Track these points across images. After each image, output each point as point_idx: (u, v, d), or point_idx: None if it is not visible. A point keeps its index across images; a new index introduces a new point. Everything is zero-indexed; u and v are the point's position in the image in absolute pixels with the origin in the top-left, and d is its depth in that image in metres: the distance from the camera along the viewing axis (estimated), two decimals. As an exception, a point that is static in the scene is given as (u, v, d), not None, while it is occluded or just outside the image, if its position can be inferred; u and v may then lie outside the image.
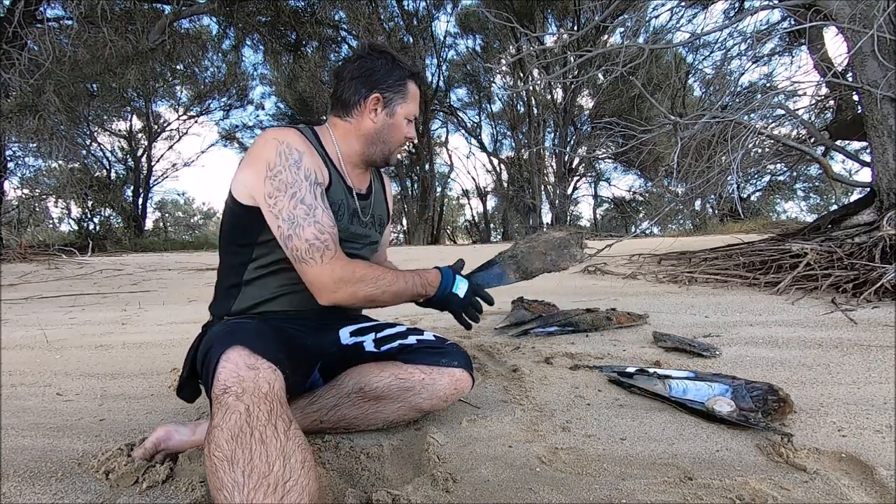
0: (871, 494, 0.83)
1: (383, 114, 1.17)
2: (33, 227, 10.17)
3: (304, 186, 1.02)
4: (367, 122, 1.17)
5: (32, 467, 1.01)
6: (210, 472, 0.69)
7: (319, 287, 1.01)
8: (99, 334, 2.48)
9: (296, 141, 1.07)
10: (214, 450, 0.68)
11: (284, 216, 1.00)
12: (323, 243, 1.00)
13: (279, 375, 0.81)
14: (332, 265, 1.00)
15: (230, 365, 0.80)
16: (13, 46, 6.01)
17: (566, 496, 0.86)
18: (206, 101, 15.98)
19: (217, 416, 0.73)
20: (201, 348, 0.96)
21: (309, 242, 0.99)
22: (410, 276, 1.10)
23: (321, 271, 0.99)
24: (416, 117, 1.23)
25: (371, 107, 1.16)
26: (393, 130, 1.19)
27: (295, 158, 1.04)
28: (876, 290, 2.29)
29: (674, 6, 4.76)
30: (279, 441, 0.69)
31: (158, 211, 19.70)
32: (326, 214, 1.03)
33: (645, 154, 10.03)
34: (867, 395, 1.26)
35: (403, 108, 1.18)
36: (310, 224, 1.00)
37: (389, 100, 1.16)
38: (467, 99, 18.09)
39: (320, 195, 1.04)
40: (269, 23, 9.07)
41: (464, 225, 23.41)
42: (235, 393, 0.75)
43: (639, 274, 3.69)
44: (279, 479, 0.66)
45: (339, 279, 0.99)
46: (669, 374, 1.37)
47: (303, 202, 1.01)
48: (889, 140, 2.95)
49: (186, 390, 1.04)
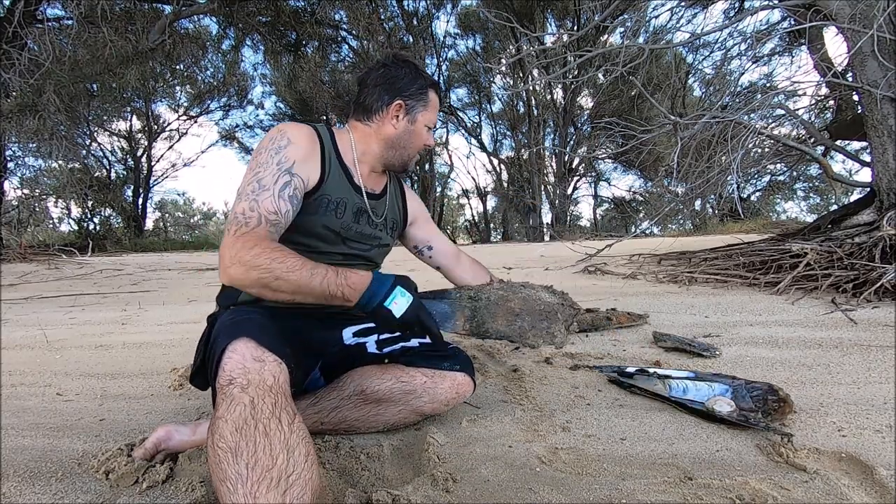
0: (871, 494, 0.83)
1: (405, 120, 1.21)
2: (33, 227, 10.16)
3: (270, 169, 1.03)
4: (388, 128, 1.21)
5: (32, 467, 1.01)
6: (213, 463, 0.68)
7: (220, 261, 0.94)
8: (99, 334, 2.48)
9: (294, 132, 1.09)
10: (218, 440, 0.68)
11: (238, 190, 1.03)
12: (245, 219, 0.96)
13: (284, 369, 0.81)
14: (236, 240, 0.93)
15: (236, 356, 0.79)
16: (13, 46, 6.01)
17: (566, 496, 0.86)
18: (205, 101, 15.98)
19: (221, 406, 0.72)
20: (210, 337, 0.96)
21: (235, 215, 0.98)
22: (324, 271, 0.93)
23: (225, 243, 0.94)
24: (435, 126, 1.27)
25: (393, 113, 1.20)
26: (413, 137, 1.23)
27: (280, 145, 1.07)
28: (876, 290, 2.29)
29: (674, 6, 4.76)
30: (283, 434, 0.69)
31: (158, 211, 19.71)
32: (273, 200, 1.00)
33: (645, 154, 10.03)
34: (867, 395, 1.26)
35: (424, 116, 1.22)
36: (247, 200, 0.99)
37: (412, 107, 1.21)
38: (467, 99, 18.10)
39: (284, 183, 1.03)
40: (269, 23, 9.07)
41: (464, 225, 23.41)
42: (240, 385, 0.74)
43: (639, 274, 3.69)
44: (282, 473, 0.66)
45: (234, 256, 0.91)
46: (669, 374, 1.37)
47: (259, 181, 1.02)
48: (889, 140, 2.95)
49: (198, 378, 1.04)
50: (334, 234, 1.16)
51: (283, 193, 1.02)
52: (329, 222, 1.14)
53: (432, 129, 1.27)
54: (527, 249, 7.11)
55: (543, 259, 5.47)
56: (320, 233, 1.14)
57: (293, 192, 1.05)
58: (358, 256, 1.23)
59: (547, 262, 5.06)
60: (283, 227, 1.03)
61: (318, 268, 0.93)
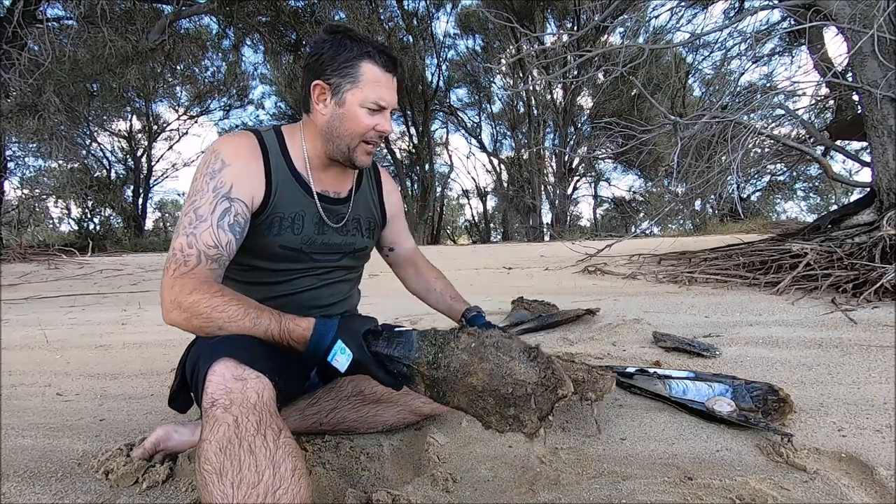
0: (871, 494, 0.83)
1: (332, 104, 1.02)
2: (33, 227, 10.17)
3: (206, 197, 0.95)
4: (318, 116, 1.04)
5: (32, 467, 1.01)
6: (201, 486, 0.68)
7: (161, 302, 0.89)
8: (99, 334, 2.48)
9: (229, 150, 1.00)
10: (203, 463, 0.68)
11: (178, 223, 0.96)
12: (184, 256, 0.90)
13: (268, 384, 0.78)
14: (176, 282, 0.87)
15: (216, 378, 0.77)
16: (13, 46, 6.01)
17: (566, 496, 0.86)
18: (206, 101, 15.98)
19: (206, 429, 0.72)
20: (189, 361, 0.93)
21: (173, 251, 0.91)
22: (267, 321, 0.84)
23: (164, 284, 0.89)
24: (382, 104, 1.02)
25: (317, 98, 1.03)
26: (345, 122, 1.02)
27: (214, 168, 0.97)
28: (876, 290, 2.29)
29: (674, 6, 4.76)
30: (268, 450, 0.68)
31: (158, 211, 19.75)
32: (212, 232, 0.93)
33: (645, 154, 10.03)
34: (867, 395, 1.26)
35: (355, 95, 1.00)
36: (185, 234, 0.92)
37: (337, 86, 1.00)
38: (467, 99, 18.12)
39: (222, 211, 0.95)
40: (269, 23, 9.07)
41: (464, 225, 23.42)
42: (223, 405, 0.73)
43: (639, 274, 3.69)
44: (269, 488, 0.65)
45: (174, 301, 0.86)
46: (669, 374, 1.37)
47: (195, 212, 0.94)
48: (889, 140, 2.95)
49: (179, 401, 1.02)
50: (296, 252, 1.07)
51: (223, 223, 0.94)
52: (286, 241, 1.05)
53: (380, 110, 1.03)
54: (527, 249, 7.11)
55: (543, 259, 5.47)
56: (279, 253, 1.06)
57: (234, 219, 0.96)
58: (332, 269, 1.14)
59: (547, 262, 5.06)
60: (227, 258, 0.95)
61: (261, 318, 0.84)
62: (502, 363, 0.75)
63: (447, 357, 0.78)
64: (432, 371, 0.77)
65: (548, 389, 0.74)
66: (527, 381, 0.74)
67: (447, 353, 0.78)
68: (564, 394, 0.74)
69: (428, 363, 0.78)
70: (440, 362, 0.77)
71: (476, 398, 0.76)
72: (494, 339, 0.78)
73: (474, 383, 0.75)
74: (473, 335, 0.80)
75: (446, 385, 0.77)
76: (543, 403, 0.74)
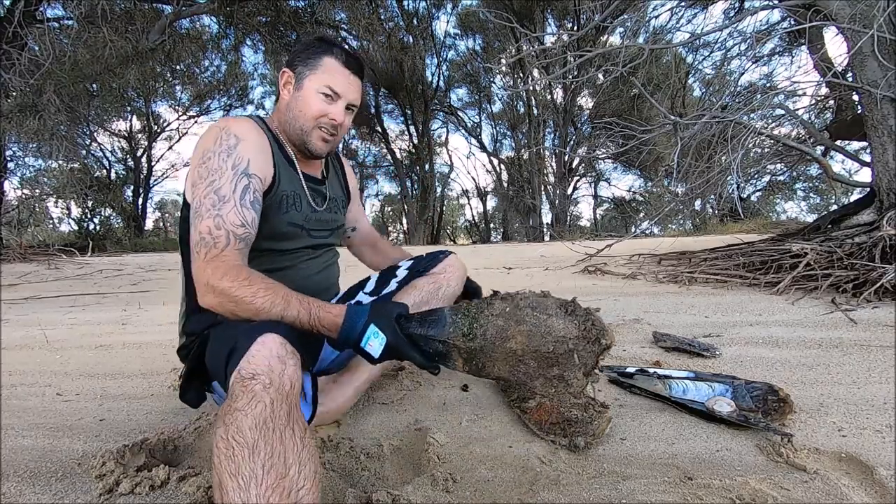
0: (871, 494, 0.83)
1: (294, 89, 1.13)
2: (33, 227, 10.15)
3: (226, 175, 0.95)
4: (282, 102, 1.15)
5: (32, 467, 1.01)
6: (225, 455, 0.65)
7: (196, 286, 0.91)
8: (99, 334, 2.48)
9: (239, 127, 1.03)
10: (235, 433, 0.65)
11: (195, 205, 0.95)
12: (213, 239, 0.90)
13: (300, 376, 0.78)
14: (207, 265, 0.89)
15: (265, 350, 0.75)
16: (13, 46, 6.01)
17: (566, 496, 0.86)
18: (206, 101, 15.98)
19: (241, 399, 0.69)
20: (212, 347, 0.92)
21: (201, 235, 0.91)
22: (295, 312, 0.87)
23: (197, 269, 0.90)
24: (336, 90, 1.10)
25: (283, 82, 1.14)
26: (300, 103, 1.11)
27: (229, 144, 0.99)
28: (876, 290, 2.29)
29: (674, 6, 4.75)
30: (296, 446, 0.67)
31: (158, 211, 19.74)
32: (237, 211, 0.94)
33: (645, 154, 10.03)
34: (867, 395, 1.26)
35: (312, 80, 1.10)
36: (210, 216, 0.92)
37: (300, 73, 1.11)
38: (467, 99, 18.09)
39: (243, 188, 0.96)
40: (269, 23, 9.06)
41: (464, 225, 23.41)
42: (263, 383, 0.71)
43: (639, 274, 3.69)
44: (294, 485, 0.64)
45: (207, 283, 0.88)
46: (669, 374, 1.37)
47: (217, 192, 0.94)
48: (889, 140, 2.95)
49: (191, 393, 1.01)
50: (300, 229, 1.13)
51: (245, 201, 0.96)
52: (293, 218, 1.11)
53: (335, 98, 1.11)
54: (527, 249, 7.11)
55: (543, 259, 5.47)
56: (286, 231, 1.10)
57: (254, 196, 0.98)
58: (321, 246, 1.22)
59: (547, 262, 5.06)
60: (253, 237, 0.97)
61: (289, 307, 0.86)
62: (540, 322, 0.72)
63: (482, 325, 0.74)
64: (468, 342, 0.73)
65: (590, 342, 0.71)
66: (567, 336, 0.71)
67: (482, 322, 0.74)
68: (608, 344, 0.71)
69: (463, 335, 0.74)
70: (476, 332, 0.74)
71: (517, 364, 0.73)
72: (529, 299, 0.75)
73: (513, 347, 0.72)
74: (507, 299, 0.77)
75: (484, 355, 0.73)
76: (587, 357, 0.71)
